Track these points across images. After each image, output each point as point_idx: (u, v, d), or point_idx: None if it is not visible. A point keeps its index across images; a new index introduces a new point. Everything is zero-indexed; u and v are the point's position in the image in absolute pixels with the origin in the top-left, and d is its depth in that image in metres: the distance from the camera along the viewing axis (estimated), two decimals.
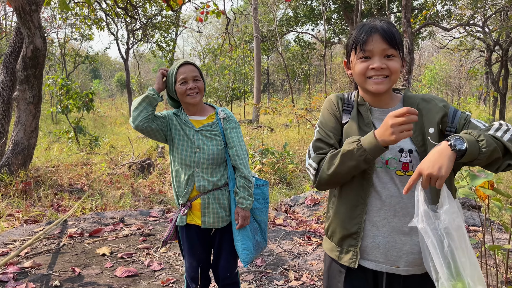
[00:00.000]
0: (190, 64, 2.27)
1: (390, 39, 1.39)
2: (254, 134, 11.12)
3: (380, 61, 1.39)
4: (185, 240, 2.34)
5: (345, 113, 1.57)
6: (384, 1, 15.63)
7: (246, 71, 19.14)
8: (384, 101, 1.52)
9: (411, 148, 1.43)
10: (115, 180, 6.73)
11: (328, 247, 1.62)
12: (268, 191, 2.48)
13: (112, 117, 18.07)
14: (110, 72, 44.60)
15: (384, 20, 1.47)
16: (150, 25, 16.42)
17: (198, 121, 2.30)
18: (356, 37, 1.43)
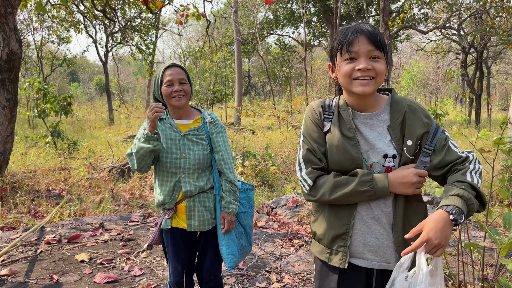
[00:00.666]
0: (177, 67, 2.24)
1: (375, 40, 1.41)
2: (235, 136, 11.11)
3: (366, 62, 1.40)
4: (170, 244, 2.31)
5: (326, 121, 1.58)
6: (363, 5, 15.87)
7: (227, 73, 19.13)
8: (368, 104, 1.52)
9: (395, 154, 1.48)
10: (94, 184, 6.62)
11: (317, 250, 1.64)
12: (254, 195, 2.48)
13: (91, 121, 17.78)
14: (89, 75, 43.92)
15: (368, 23, 1.49)
16: (130, 28, 16.25)
17: (184, 125, 2.28)
18: (342, 39, 1.44)
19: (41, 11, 3.99)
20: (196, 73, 18.79)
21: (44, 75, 21.31)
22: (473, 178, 1.40)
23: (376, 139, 1.51)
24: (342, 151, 1.52)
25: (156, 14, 14.38)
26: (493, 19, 12.36)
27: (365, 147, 1.51)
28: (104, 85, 19.54)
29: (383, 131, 1.50)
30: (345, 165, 1.52)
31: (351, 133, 1.51)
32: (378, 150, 1.49)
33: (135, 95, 36.85)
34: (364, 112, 1.53)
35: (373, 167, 1.50)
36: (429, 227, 1.29)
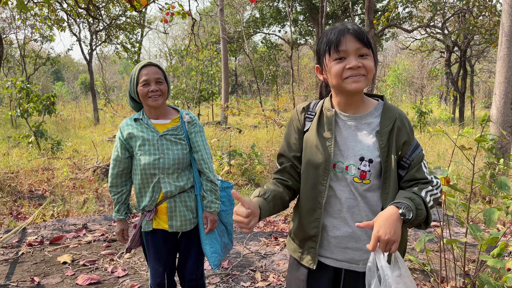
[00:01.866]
0: (154, 66, 2.20)
1: (362, 38, 1.41)
2: (222, 135, 11.08)
3: (356, 60, 1.40)
4: (151, 246, 2.28)
5: (307, 121, 1.60)
6: (348, 3, 15.96)
7: (214, 72, 19.05)
8: (356, 103, 1.51)
9: (371, 158, 1.47)
10: (78, 185, 6.53)
11: (291, 248, 1.67)
12: None
13: (76, 121, 17.55)
14: (73, 74, 43.35)
15: (352, 22, 1.50)
16: (114, 26, 16.06)
17: (161, 125, 2.24)
18: (329, 40, 1.44)
19: (23, 9, 3.90)
20: (182, 72, 18.67)
21: (27, 74, 20.96)
22: (427, 197, 1.44)
23: (356, 141, 1.50)
24: (314, 151, 1.53)
25: (141, 12, 14.25)
26: (476, 18, 12.54)
27: (343, 148, 1.51)
28: (89, 84, 19.31)
29: (367, 134, 1.50)
30: (314, 165, 1.53)
31: (329, 134, 1.52)
32: (356, 152, 1.49)
33: (120, 94, 36.49)
34: (349, 113, 1.53)
35: (348, 169, 1.49)
36: (378, 224, 1.31)
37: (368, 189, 1.49)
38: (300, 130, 1.61)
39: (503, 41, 5.55)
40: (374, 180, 1.49)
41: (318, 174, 1.52)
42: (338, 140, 1.52)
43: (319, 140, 1.52)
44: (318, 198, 1.53)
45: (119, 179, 2.28)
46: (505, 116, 5.83)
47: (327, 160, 1.50)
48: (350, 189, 1.50)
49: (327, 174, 1.50)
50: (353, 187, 1.50)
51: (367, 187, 1.49)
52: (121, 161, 2.24)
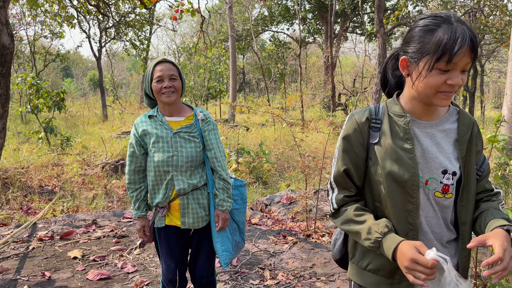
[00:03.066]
0: (168, 62, 2.21)
1: (475, 52, 1.21)
2: (230, 133, 11.09)
3: (458, 77, 1.21)
4: (163, 242, 2.29)
5: (373, 131, 1.38)
6: (358, 2, 15.88)
7: (222, 70, 19.06)
8: (431, 111, 1.35)
9: (455, 171, 1.32)
10: (87, 181, 6.58)
11: (370, 281, 1.42)
12: (246, 191, 2.47)
13: (85, 117, 17.66)
14: (82, 71, 43.60)
15: (464, 22, 1.24)
16: (123, 23, 16.13)
17: (175, 122, 2.24)
18: (445, 44, 1.18)
19: (33, 6, 3.93)
20: (190, 69, 18.70)
21: (37, 70, 21.11)
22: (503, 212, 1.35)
23: (437, 152, 1.33)
24: (396, 166, 1.32)
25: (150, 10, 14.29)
26: (487, 17, 12.41)
27: (422, 160, 1.33)
28: (98, 80, 19.41)
29: (446, 143, 1.34)
30: (399, 182, 1.32)
31: (409, 144, 1.32)
32: (437, 165, 1.32)
33: (129, 91, 36.65)
34: (425, 120, 1.36)
35: (428, 183, 1.32)
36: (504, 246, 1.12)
37: (451, 203, 1.35)
38: (363, 144, 1.39)
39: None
40: (457, 193, 1.36)
41: (405, 191, 1.32)
42: (417, 152, 1.34)
43: (399, 152, 1.32)
44: (408, 219, 1.32)
45: (137, 175, 2.29)
46: None
47: (414, 175, 1.30)
48: (431, 205, 1.34)
49: (417, 191, 1.31)
50: (435, 202, 1.34)
51: (450, 201, 1.35)
52: (137, 157, 2.25)
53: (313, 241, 4.16)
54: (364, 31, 22.57)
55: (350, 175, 1.41)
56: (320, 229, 4.50)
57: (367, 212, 1.38)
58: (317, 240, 4.19)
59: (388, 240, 1.25)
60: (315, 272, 3.44)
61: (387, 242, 1.25)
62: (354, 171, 1.40)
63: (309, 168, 4.72)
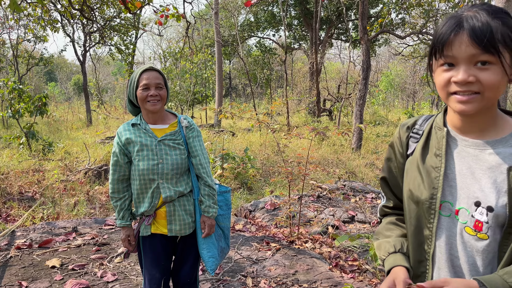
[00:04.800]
0: (155, 71, 2.19)
1: (482, 40, 0.96)
2: (215, 138, 11.06)
3: (466, 72, 0.99)
4: (149, 251, 2.26)
5: (412, 142, 1.25)
6: (342, 9, 16.06)
7: (208, 75, 19.04)
8: (479, 125, 1.08)
9: (491, 206, 1.04)
10: (69, 187, 6.48)
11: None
12: (231, 197, 2.48)
13: (68, 122, 17.43)
14: (66, 75, 43.09)
15: (487, 7, 1.01)
16: (108, 28, 16.01)
17: (160, 130, 2.23)
18: (438, 35, 1.03)
19: (16, 9, 3.86)
20: (176, 74, 18.64)
21: (19, 74, 20.80)
22: None
23: (473, 177, 1.08)
24: (417, 182, 1.17)
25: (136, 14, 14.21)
26: None
27: (454, 184, 1.11)
28: (82, 85, 19.19)
29: (492, 170, 1.06)
30: (415, 201, 1.17)
31: (438, 161, 1.13)
32: (470, 194, 1.08)
33: (114, 96, 36.34)
34: (471, 137, 1.11)
35: (459, 213, 1.10)
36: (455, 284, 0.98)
37: (486, 247, 1.06)
38: (402, 154, 1.27)
39: None
40: (495, 236, 1.05)
41: (422, 214, 1.16)
42: (448, 173, 1.13)
43: (423, 168, 1.16)
44: (423, 245, 1.17)
45: (121, 184, 2.26)
46: None
47: (433, 197, 1.13)
48: (462, 242, 1.10)
49: (434, 216, 1.13)
50: (464, 239, 1.10)
51: (485, 245, 1.06)
52: (121, 166, 2.23)
53: (296, 247, 4.17)
54: (348, 38, 22.83)
55: (389, 184, 1.33)
56: (303, 235, 4.50)
57: (399, 227, 1.28)
58: (300, 247, 4.19)
59: (388, 261, 1.20)
60: (297, 279, 3.43)
61: (387, 262, 1.20)
62: (392, 181, 1.31)
63: (292, 174, 4.73)
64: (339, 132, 4.64)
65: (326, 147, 10.95)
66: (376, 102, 21.44)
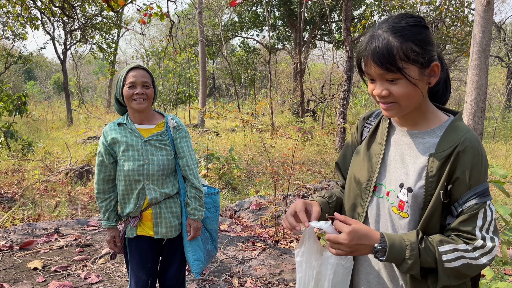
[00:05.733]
0: (142, 69, 2.17)
1: (383, 62, 1.09)
2: (199, 138, 11.00)
3: (380, 88, 1.14)
4: (135, 253, 2.23)
5: (365, 131, 1.41)
6: (326, 10, 16.17)
7: (191, 75, 18.91)
8: (412, 119, 1.24)
9: (410, 187, 1.18)
10: (50, 188, 6.35)
11: None
12: (219, 199, 2.46)
13: (48, 121, 17.07)
14: (46, 74, 42.22)
15: (393, 24, 1.13)
16: (90, 26, 15.76)
17: (146, 130, 2.20)
18: (358, 53, 1.19)
19: None
20: (159, 74, 18.47)
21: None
22: (447, 256, 1.10)
23: (402, 163, 1.24)
24: (360, 165, 1.33)
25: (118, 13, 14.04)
26: (448, 28, 12.92)
27: (389, 169, 1.27)
28: (63, 84, 18.85)
29: (417, 157, 1.20)
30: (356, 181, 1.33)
31: (379, 149, 1.30)
32: (398, 176, 1.23)
33: (95, 95, 35.79)
34: (406, 128, 1.27)
35: (389, 195, 1.24)
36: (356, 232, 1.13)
37: (407, 224, 1.20)
38: (357, 141, 1.44)
39: (475, 51, 5.73)
40: (414, 216, 1.19)
41: (359, 194, 1.32)
42: (386, 159, 1.29)
43: (367, 154, 1.32)
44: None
45: (106, 185, 2.22)
46: (475, 124, 6.01)
47: (370, 179, 1.29)
48: (390, 221, 1.24)
49: (368, 196, 1.29)
50: (392, 218, 1.24)
51: (406, 222, 1.20)
52: (106, 166, 2.19)
53: (282, 247, 4.18)
54: (332, 39, 23.01)
55: (340, 168, 1.48)
56: (288, 235, 4.51)
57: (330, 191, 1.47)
58: (286, 246, 4.21)
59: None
60: (283, 278, 3.44)
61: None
62: (344, 165, 1.46)
63: (277, 174, 4.74)
64: (325, 132, 4.68)
65: (310, 148, 11.01)
66: (359, 103, 21.66)
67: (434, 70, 1.15)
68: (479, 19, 5.61)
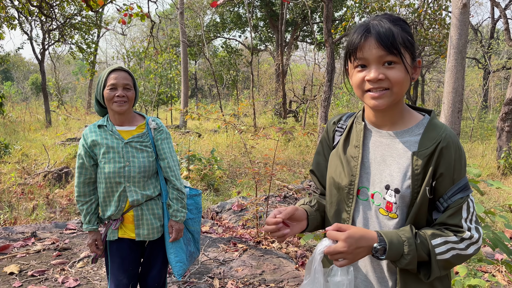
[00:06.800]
0: (124, 71, 2.14)
1: (387, 43, 1.12)
2: (181, 140, 10.93)
3: (376, 71, 1.14)
4: (116, 256, 2.20)
5: (337, 135, 1.40)
6: (307, 12, 16.29)
7: (173, 75, 18.78)
8: (390, 120, 1.25)
9: (398, 188, 1.19)
10: (27, 191, 6.21)
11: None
12: (201, 200, 2.44)
13: (26, 123, 16.71)
14: (24, 74, 41.32)
15: (388, 16, 1.18)
16: (69, 25, 15.50)
17: (127, 132, 2.18)
18: (350, 41, 1.18)
19: None
20: (140, 75, 18.27)
21: None
22: (440, 248, 1.14)
23: (385, 164, 1.24)
24: (338, 171, 1.31)
25: (98, 12, 13.84)
26: (427, 30, 13.16)
27: (370, 171, 1.26)
28: (41, 84, 18.47)
29: (399, 157, 1.21)
30: (337, 187, 1.31)
31: (356, 152, 1.28)
32: (382, 178, 1.22)
33: (75, 96, 35.18)
34: (384, 129, 1.27)
35: (374, 197, 1.24)
36: (352, 237, 1.11)
37: (396, 224, 1.21)
38: (329, 146, 1.42)
39: (451, 53, 5.85)
40: (403, 215, 1.21)
41: (342, 199, 1.30)
42: (365, 161, 1.28)
43: (344, 158, 1.31)
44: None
45: (87, 187, 2.19)
46: (453, 124, 6.14)
47: (351, 183, 1.27)
48: (377, 223, 1.24)
49: (352, 200, 1.27)
50: (379, 220, 1.24)
51: (395, 223, 1.21)
52: (87, 169, 2.17)
53: (263, 247, 4.18)
54: (313, 40, 23.19)
55: (316, 175, 1.46)
56: (270, 236, 4.52)
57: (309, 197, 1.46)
58: (267, 247, 4.21)
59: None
60: (264, 279, 3.45)
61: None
62: (319, 172, 1.45)
63: (259, 175, 4.75)
64: (305, 132, 4.70)
65: (292, 148, 11.06)
66: (341, 103, 21.87)
67: (418, 65, 1.21)
68: (455, 21, 5.73)
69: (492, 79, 23.62)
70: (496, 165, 8.67)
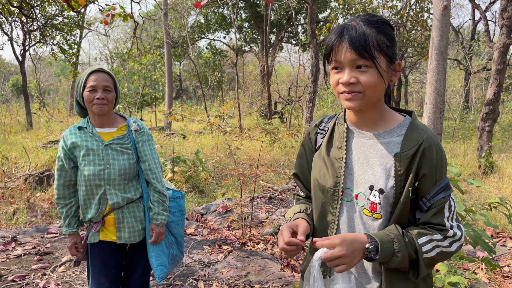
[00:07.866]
0: (104, 73, 2.11)
1: (358, 47, 1.12)
2: (165, 141, 10.85)
3: (349, 74, 1.14)
4: (98, 259, 2.17)
5: (319, 137, 1.40)
6: (292, 13, 16.35)
7: (157, 77, 18.64)
8: (370, 121, 1.26)
9: (382, 188, 1.20)
10: (7, 194, 6.08)
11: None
12: (185, 203, 2.42)
13: (6, 125, 16.37)
14: (4, 76, 40.54)
15: (368, 17, 1.18)
16: (50, 26, 15.26)
17: (107, 134, 2.15)
18: (328, 43, 1.19)
19: None
20: (124, 76, 18.09)
21: None
22: (427, 246, 1.17)
23: (368, 165, 1.25)
24: (322, 172, 1.31)
25: (79, 13, 13.66)
26: (409, 32, 13.34)
27: (353, 172, 1.27)
28: (22, 86, 18.14)
29: (382, 157, 1.23)
30: (322, 189, 1.32)
31: (340, 153, 1.29)
32: (366, 179, 1.24)
33: (57, 98, 34.66)
34: (365, 130, 1.28)
35: (358, 198, 1.25)
36: (346, 240, 1.13)
37: (380, 225, 1.23)
38: (311, 149, 1.42)
39: (433, 54, 5.94)
40: (386, 215, 1.23)
41: (327, 201, 1.31)
42: (348, 162, 1.28)
43: (328, 159, 1.31)
44: (327, 230, 1.31)
45: (66, 190, 2.16)
46: (435, 124, 6.23)
47: (336, 184, 1.27)
48: (362, 223, 1.26)
49: (337, 201, 1.28)
50: (364, 221, 1.25)
51: (379, 223, 1.23)
52: (67, 171, 2.13)
53: (248, 249, 4.17)
54: (298, 42, 23.29)
55: (300, 179, 1.46)
56: (255, 237, 4.52)
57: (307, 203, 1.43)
58: (252, 248, 4.20)
59: (293, 219, 1.36)
60: (249, 280, 3.44)
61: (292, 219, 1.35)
62: (303, 175, 1.45)
63: (244, 176, 4.74)
64: (289, 133, 4.72)
65: (277, 149, 11.07)
66: (326, 104, 22.01)
67: (397, 68, 1.21)
68: (437, 23, 5.82)
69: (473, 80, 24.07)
70: (478, 164, 8.83)
